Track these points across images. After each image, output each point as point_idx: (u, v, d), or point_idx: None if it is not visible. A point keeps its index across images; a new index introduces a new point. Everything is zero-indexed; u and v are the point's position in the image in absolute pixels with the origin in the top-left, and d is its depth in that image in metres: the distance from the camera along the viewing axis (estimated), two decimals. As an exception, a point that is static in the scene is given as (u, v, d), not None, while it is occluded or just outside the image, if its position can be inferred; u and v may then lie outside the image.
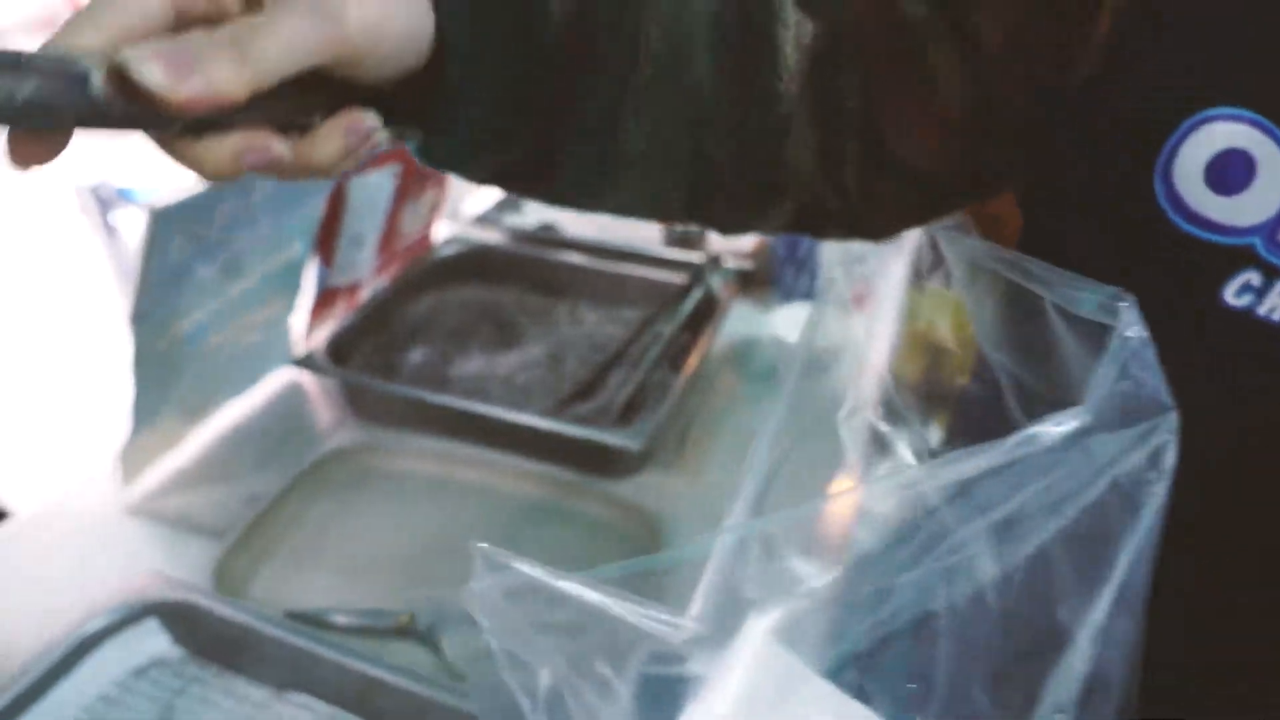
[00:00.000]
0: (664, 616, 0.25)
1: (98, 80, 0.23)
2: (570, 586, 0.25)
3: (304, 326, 0.86)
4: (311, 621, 0.60)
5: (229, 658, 0.58)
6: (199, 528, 0.70)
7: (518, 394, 0.81)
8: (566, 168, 0.35)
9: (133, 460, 0.72)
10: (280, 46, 0.25)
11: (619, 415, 0.76)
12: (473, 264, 0.99)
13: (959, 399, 0.73)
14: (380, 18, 0.27)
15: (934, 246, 0.45)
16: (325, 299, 0.89)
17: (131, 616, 0.58)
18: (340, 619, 0.62)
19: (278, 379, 0.85)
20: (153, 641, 0.59)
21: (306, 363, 0.81)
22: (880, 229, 0.44)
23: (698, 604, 0.27)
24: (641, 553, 0.67)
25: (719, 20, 0.34)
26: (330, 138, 0.29)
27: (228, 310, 0.72)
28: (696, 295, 0.88)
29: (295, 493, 0.73)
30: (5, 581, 0.68)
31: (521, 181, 0.36)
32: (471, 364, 0.85)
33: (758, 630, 0.24)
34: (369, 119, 0.29)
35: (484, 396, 0.76)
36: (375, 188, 0.85)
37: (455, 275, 0.97)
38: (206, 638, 0.59)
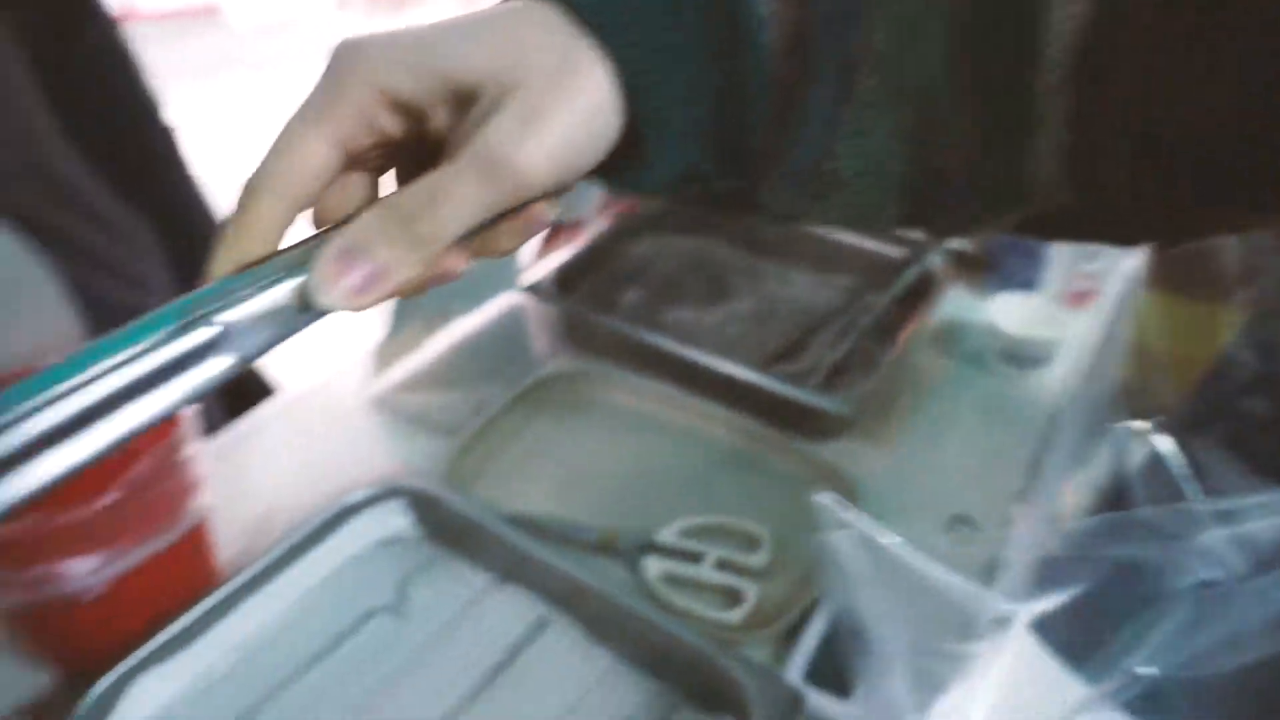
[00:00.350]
0: (987, 594, 0.26)
1: (290, 306, 0.25)
2: (908, 553, 0.27)
3: (531, 256, 0.93)
4: (526, 524, 0.67)
5: (458, 544, 0.66)
6: (433, 426, 0.79)
7: (725, 345, 0.84)
8: (772, 203, 0.33)
9: (385, 354, 0.81)
10: (454, 220, 0.25)
11: (823, 379, 0.78)
12: (690, 214, 1.02)
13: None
14: (565, 157, 0.26)
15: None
16: (553, 233, 0.95)
17: (382, 496, 0.66)
18: (551, 526, 0.68)
19: (505, 302, 0.92)
20: (397, 520, 0.67)
21: (534, 289, 0.87)
22: (1138, 235, 0.40)
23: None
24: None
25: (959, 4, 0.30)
26: (512, 234, 0.29)
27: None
28: (913, 272, 0.87)
29: (516, 407, 0.80)
30: (269, 452, 0.79)
31: (721, 210, 0.35)
32: (681, 311, 0.89)
33: (1021, 625, 0.26)
34: (549, 212, 0.29)
35: (693, 343, 0.79)
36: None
37: (673, 224, 1.01)
38: (441, 524, 0.66)
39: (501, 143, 0.25)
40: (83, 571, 0.51)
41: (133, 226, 0.78)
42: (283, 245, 0.27)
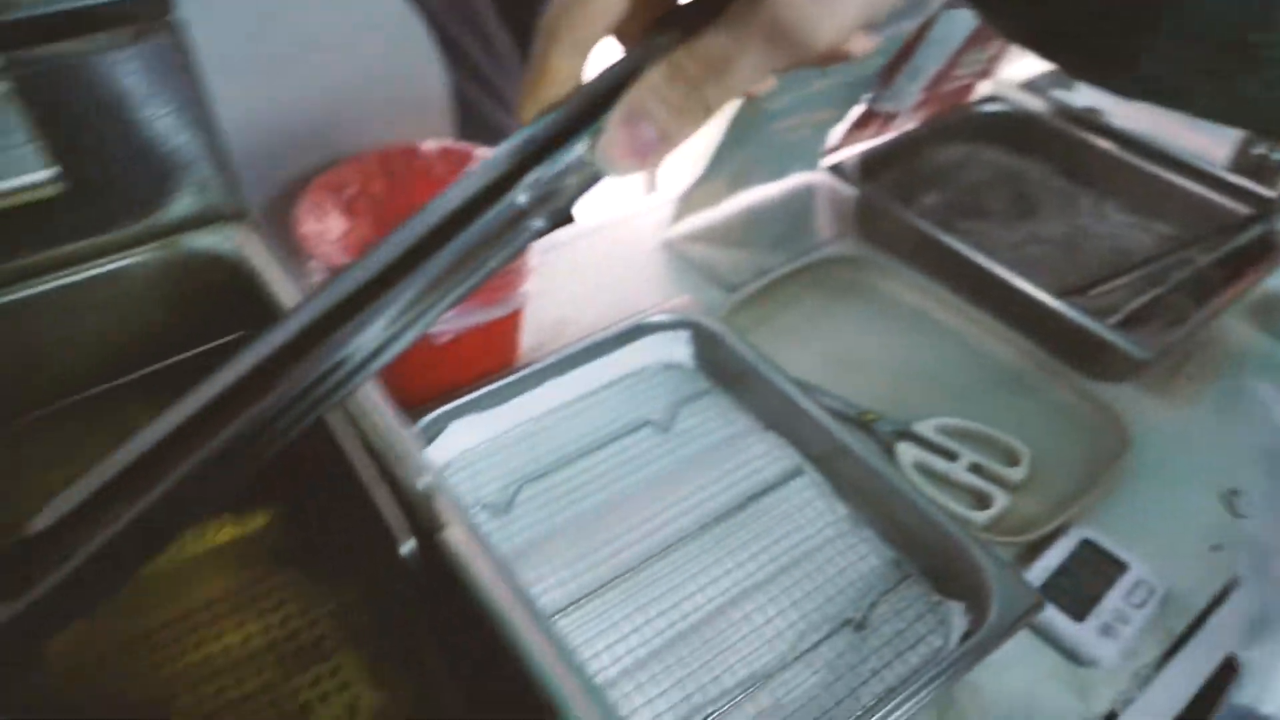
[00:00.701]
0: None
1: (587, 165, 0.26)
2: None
3: (838, 138, 0.93)
4: (794, 383, 0.70)
5: (731, 383, 0.71)
6: (716, 277, 0.83)
7: (1021, 264, 0.81)
8: (1154, 71, 0.26)
9: (687, 203, 0.85)
10: (739, 85, 0.24)
11: (1120, 321, 0.75)
12: (1007, 128, 0.98)
13: None
14: (862, 18, 0.24)
15: None
16: (864, 120, 0.94)
17: (671, 324, 0.72)
18: (815, 391, 0.71)
19: (804, 179, 0.94)
20: (680, 349, 0.73)
21: (836, 170, 0.88)
22: None
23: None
24: (1105, 454, 0.68)
25: None
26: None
27: (803, 104, 0.81)
28: (1254, 232, 0.80)
29: (797, 278, 0.83)
30: (566, 269, 0.87)
31: (1082, 71, 0.31)
32: (980, 224, 0.87)
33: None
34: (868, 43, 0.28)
35: (988, 255, 0.78)
36: (958, 23, 0.86)
37: (987, 134, 0.97)
38: (719, 361, 0.71)
39: (790, 11, 0.23)
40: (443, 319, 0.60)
41: (510, 50, 0.85)
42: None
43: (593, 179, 0.26)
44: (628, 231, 0.90)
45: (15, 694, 0.32)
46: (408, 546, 0.32)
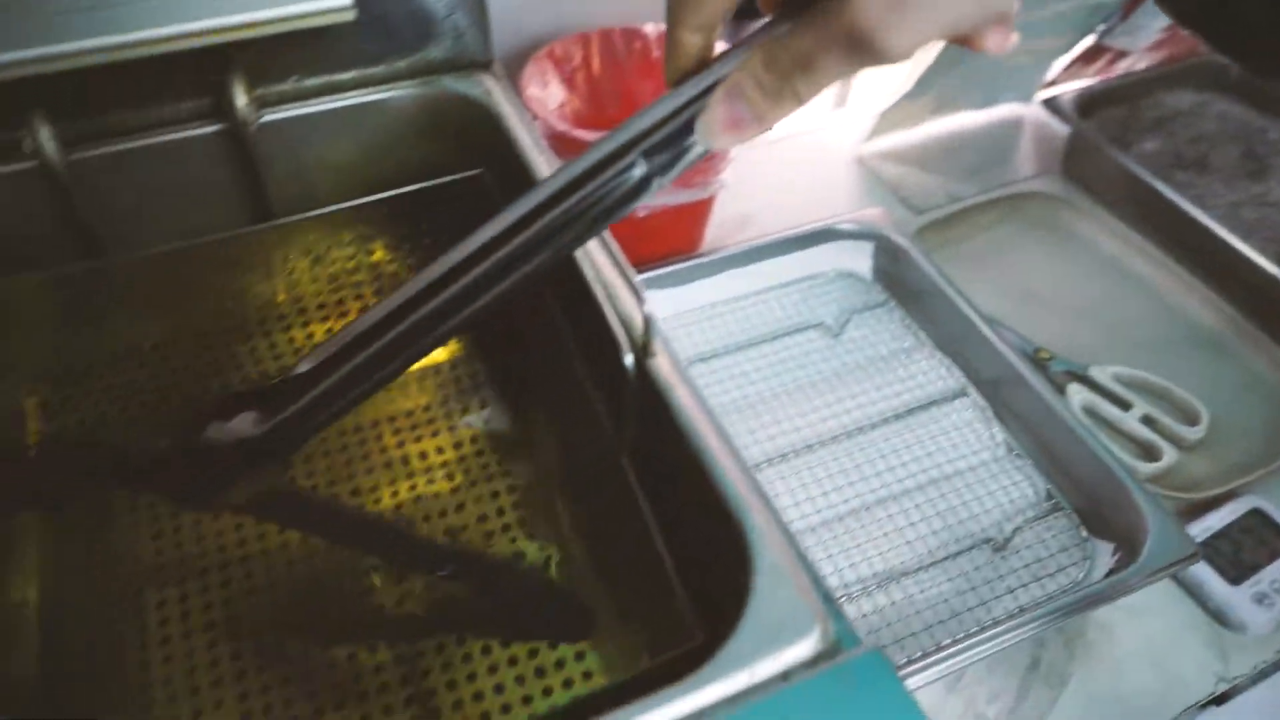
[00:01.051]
0: None
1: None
2: None
3: (1059, 71, 0.89)
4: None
5: (908, 299, 0.71)
6: (904, 198, 0.83)
7: (1237, 226, 0.77)
8: None
9: (886, 120, 0.85)
10: (825, 81, 0.26)
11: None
12: (1247, 80, 0.90)
13: None
14: (939, 32, 0.25)
15: None
16: (1090, 54, 0.89)
17: (858, 233, 0.73)
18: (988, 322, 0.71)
19: (1012, 110, 0.90)
20: (862, 260, 0.74)
21: (1051, 105, 0.85)
22: None
23: None
24: (1294, 427, 0.65)
25: None
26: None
27: (1030, 29, 0.78)
28: None
29: (991, 208, 0.81)
30: (758, 175, 0.88)
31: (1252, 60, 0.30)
32: (1201, 177, 0.82)
33: None
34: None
35: (1205, 212, 0.74)
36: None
37: (1222, 84, 0.90)
38: (899, 276, 0.72)
39: (867, 22, 0.24)
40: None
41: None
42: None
43: (699, 150, 0.30)
44: (818, 143, 0.90)
45: (265, 486, 0.40)
46: (629, 359, 0.35)
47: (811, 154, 0.89)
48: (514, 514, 0.51)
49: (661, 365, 0.38)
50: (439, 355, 0.59)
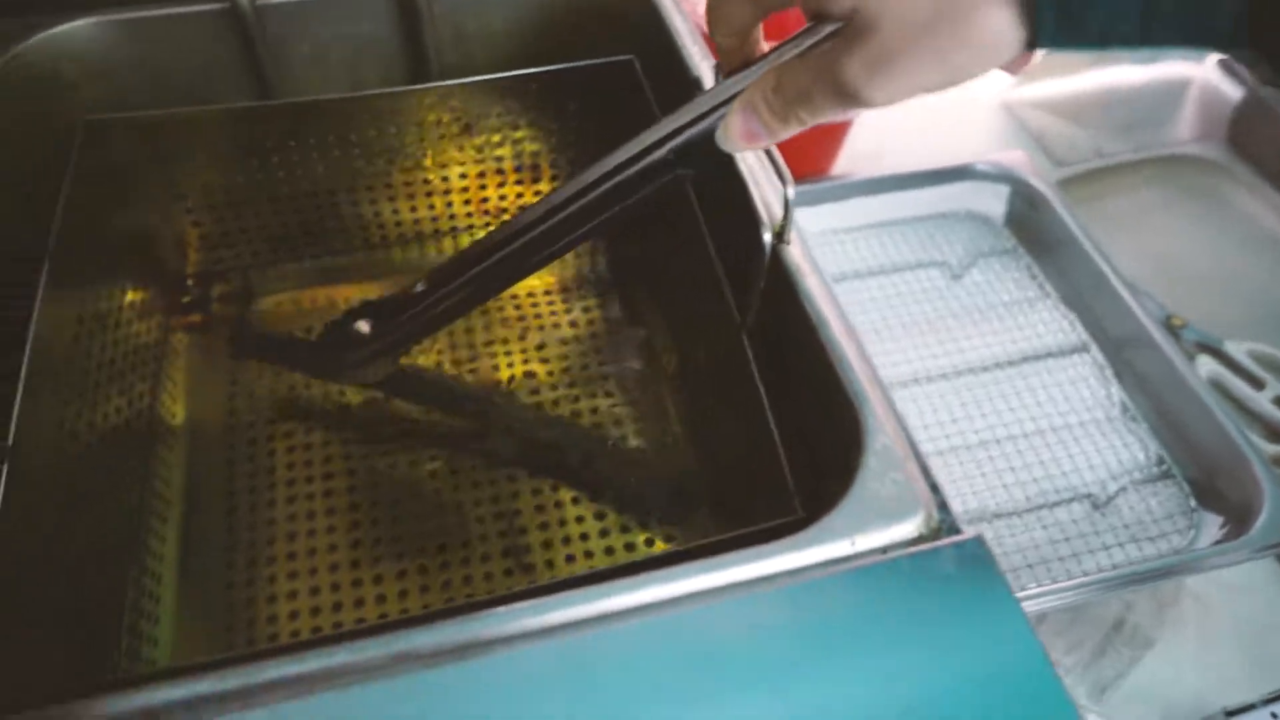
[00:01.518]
0: None
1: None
2: None
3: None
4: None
5: (1038, 249, 0.69)
6: (1048, 148, 0.80)
7: None
8: None
9: (1041, 64, 0.81)
10: (823, 114, 0.28)
11: None
12: None
13: None
14: (916, 91, 0.27)
15: None
16: None
17: (995, 176, 0.71)
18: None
19: (1184, 66, 0.85)
20: (995, 203, 0.72)
21: (1225, 64, 0.80)
22: None
23: None
24: None
25: None
26: None
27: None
28: None
29: (1140, 169, 0.78)
30: (905, 111, 0.86)
31: None
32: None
33: None
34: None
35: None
36: None
37: None
38: (1032, 224, 0.70)
39: (850, 78, 0.27)
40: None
41: None
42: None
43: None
44: (966, 90, 0.87)
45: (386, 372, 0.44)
46: (767, 237, 0.36)
47: (954, 94, 0.86)
48: (622, 395, 0.53)
49: (793, 251, 0.38)
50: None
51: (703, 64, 0.47)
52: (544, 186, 0.58)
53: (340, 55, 0.51)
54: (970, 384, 0.63)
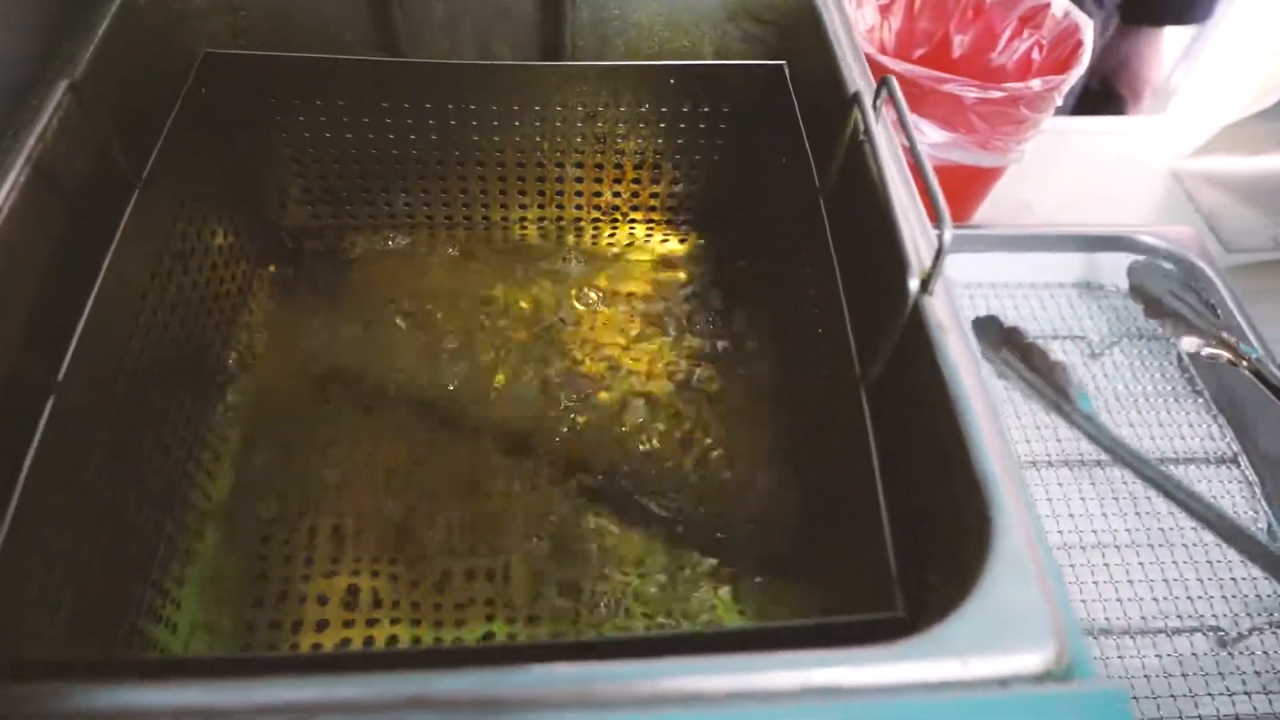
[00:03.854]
0: None
1: None
2: None
3: None
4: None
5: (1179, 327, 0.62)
6: (1216, 230, 0.72)
7: None
8: None
9: (1224, 137, 0.73)
10: None
11: None
12: None
13: None
14: None
15: None
16: None
17: (1156, 250, 0.64)
18: None
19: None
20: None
21: None
22: None
23: None
24: None
25: None
26: None
27: None
28: None
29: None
30: (1051, 160, 0.79)
31: None
32: None
33: None
34: None
35: None
36: None
37: None
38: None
39: None
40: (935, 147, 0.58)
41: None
42: None
43: None
44: (1128, 145, 0.80)
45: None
46: (914, 284, 0.31)
47: (1118, 156, 0.79)
48: (717, 433, 0.48)
49: (938, 305, 0.33)
50: (677, 248, 0.57)
51: (860, 81, 0.42)
52: (661, 189, 0.54)
53: (474, 23, 0.49)
54: (1096, 477, 0.56)
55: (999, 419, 0.31)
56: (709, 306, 0.55)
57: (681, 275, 0.56)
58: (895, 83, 0.36)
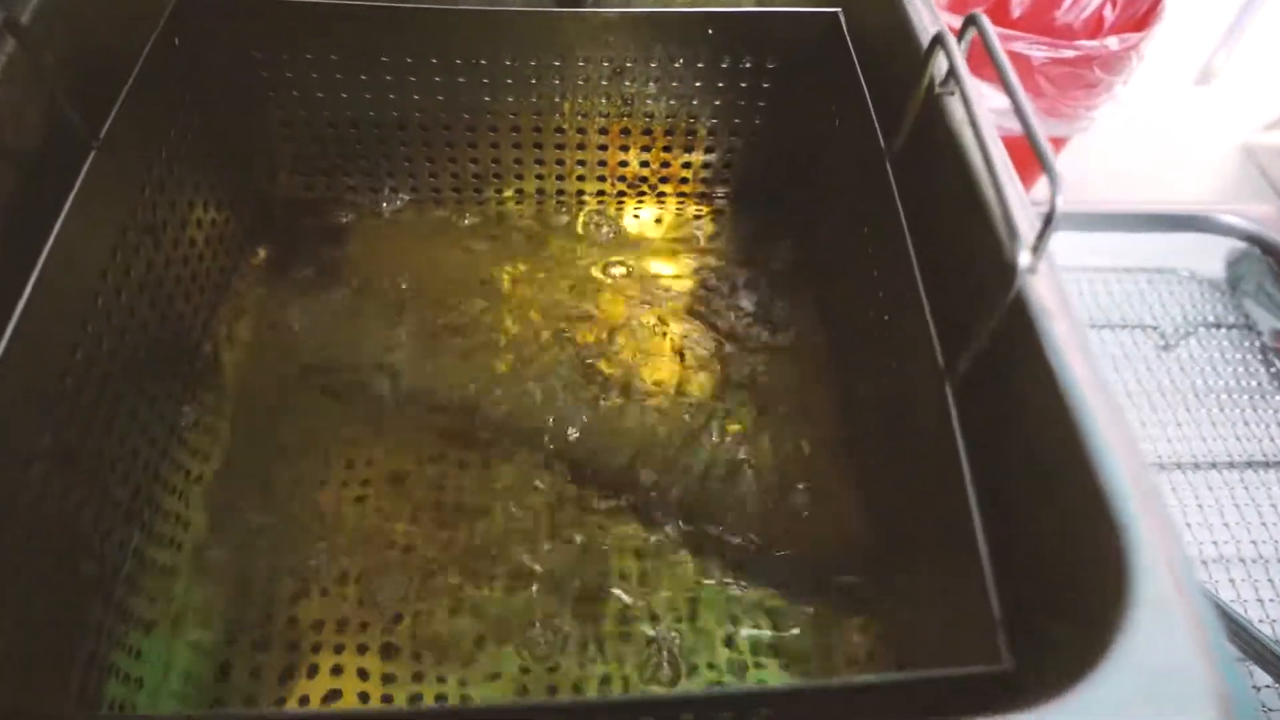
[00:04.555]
0: None
1: None
2: None
3: None
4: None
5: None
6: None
7: None
8: None
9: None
10: None
11: None
12: None
13: None
14: None
15: None
16: None
17: (1235, 231, 0.57)
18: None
19: None
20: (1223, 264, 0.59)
21: None
22: None
23: None
24: None
25: None
26: None
27: None
28: None
29: None
30: (1121, 140, 0.73)
31: None
32: None
33: None
34: None
35: None
36: None
37: None
38: (1275, 300, 0.56)
39: None
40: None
41: None
42: None
43: None
44: (1190, 116, 0.73)
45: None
46: (1023, 257, 0.26)
47: (1187, 124, 0.73)
48: (759, 429, 0.43)
49: (1040, 284, 0.28)
50: (710, 225, 0.51)
51: (930, 29, 0.36)
52: (695, 158, 0.49)
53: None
54: (1170, 483, 0.50)
55: (1126, 423, 0.25)
56: (747, 292, 0.49)
57: (714, 258, 0.50)
58: (985, 19, 0.30)
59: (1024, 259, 0.26)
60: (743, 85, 0.44)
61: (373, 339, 0.45)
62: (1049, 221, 0.26)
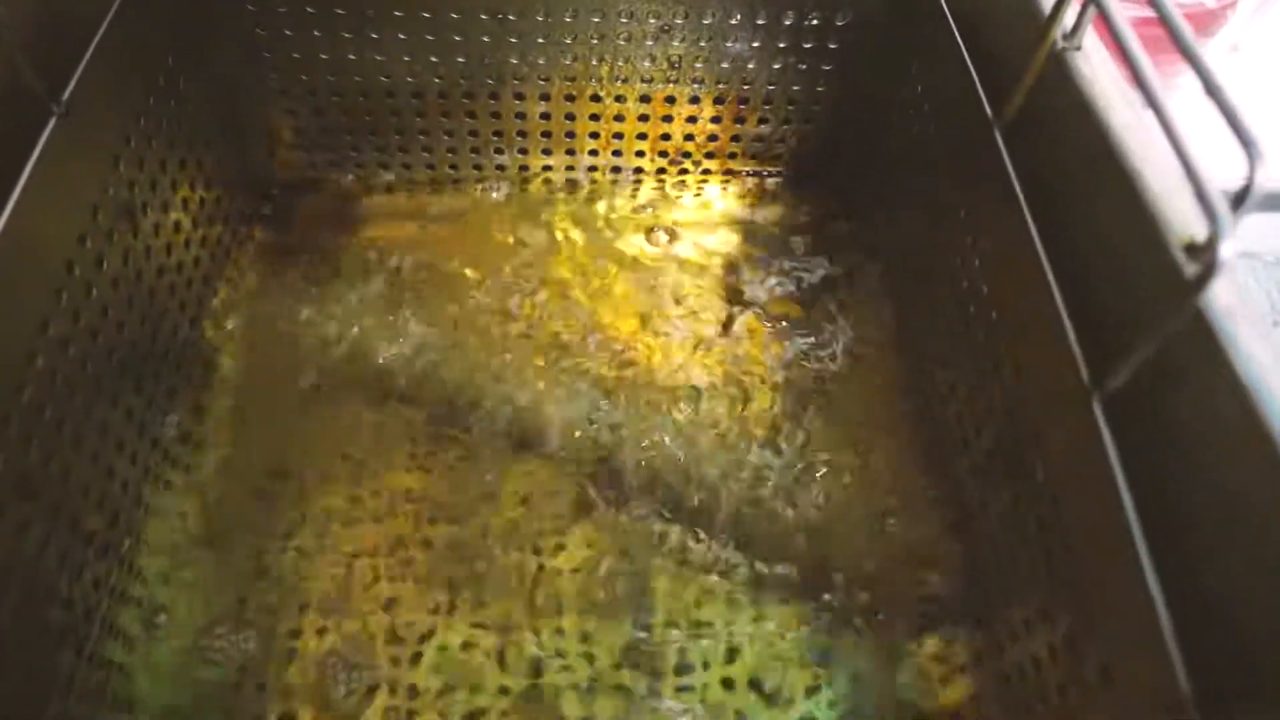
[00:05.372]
0: None
1: None
2: None
3: None
4: None
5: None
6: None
7: None
8: None
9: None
10: None
11: None
12: None
13: None
14: None
15: None
16: None
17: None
18: None
19: None
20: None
21: None
22: None
23: None
24: None
25: None
26: None
27: None
28: None
29: None
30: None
31: None
32: None
33: None
34: None
35: None
36: None
37: None
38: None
39: None
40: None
41: None
42: None
43: None
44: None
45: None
46: (1225, 247, 0.20)
47: None
48: (827, 443, 0.37)
49: (1219, 283, 0.22)
50: (764, 207, 0.46)
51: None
52: (745, 129, 0.43)
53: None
54: None
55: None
56: (807, 282, 0.43)
57: (763, 247, 0.45)
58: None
59: (1225, 249, 0.20)
60: (806, 46, 0.39)
61: (384, 334, 0.40)
62: (1242, 201, 0.21)
